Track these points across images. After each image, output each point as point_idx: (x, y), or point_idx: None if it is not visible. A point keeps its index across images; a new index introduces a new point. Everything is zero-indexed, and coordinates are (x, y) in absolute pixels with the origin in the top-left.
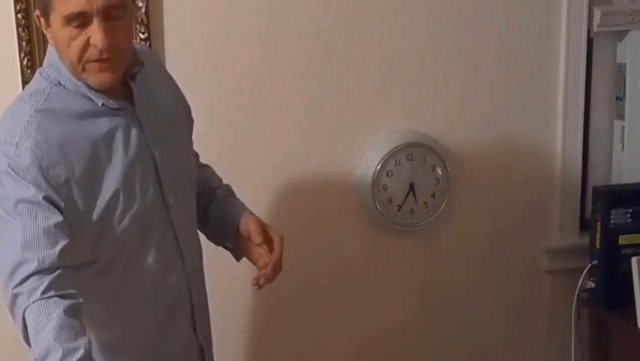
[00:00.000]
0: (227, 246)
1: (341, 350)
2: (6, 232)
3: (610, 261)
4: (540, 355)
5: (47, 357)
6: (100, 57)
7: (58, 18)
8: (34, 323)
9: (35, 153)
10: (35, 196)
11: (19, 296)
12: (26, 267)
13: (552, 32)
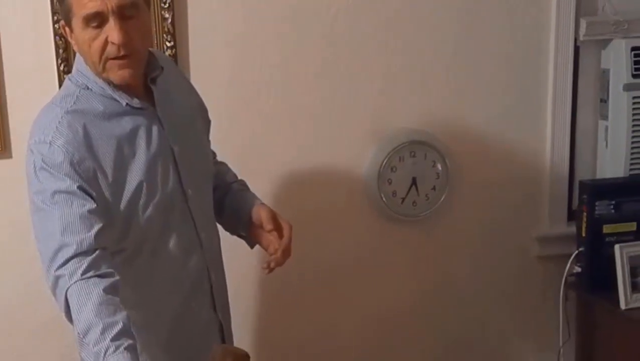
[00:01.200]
0: (241, 234)
1: (349, 330)
2: (46, 221)
3: (595, 248)
4: (531, 333)
5: (88, 332)
6: (118, 54)
7: (78, 22)
8: (76, 302)
9: (67, 150)
10: (70, 186)
11: (60, 278)
12: (66, 251)
13: (542, 40)
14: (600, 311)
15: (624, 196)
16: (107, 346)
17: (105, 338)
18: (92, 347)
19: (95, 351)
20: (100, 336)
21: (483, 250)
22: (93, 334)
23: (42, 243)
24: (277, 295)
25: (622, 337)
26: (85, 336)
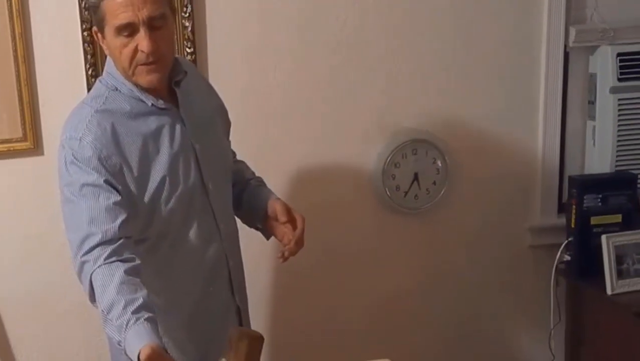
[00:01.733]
0: (257, 227)
1: (356, 312)
2: (74, 212)
3: (583, 238)
4: (524, 316)
5: (111, 309)
6: (147, 60)
7: (111, 30)
8: (100, 283)
9: (95, 146)
10: (97, 180)
11: (86, 264)
12: (92, 239)
13: (534, 47)
14: (588, 297)
15: (610, 190)
16: (129, 318)
17: (127, 312)
18: (115, 321)
19: (118, 325)
20: (122, 311)
21: (479, 239)
22: (116, 310)
23: (70, 231)
24: (289, 281)
25: (609, 320)
26: (108, 313)
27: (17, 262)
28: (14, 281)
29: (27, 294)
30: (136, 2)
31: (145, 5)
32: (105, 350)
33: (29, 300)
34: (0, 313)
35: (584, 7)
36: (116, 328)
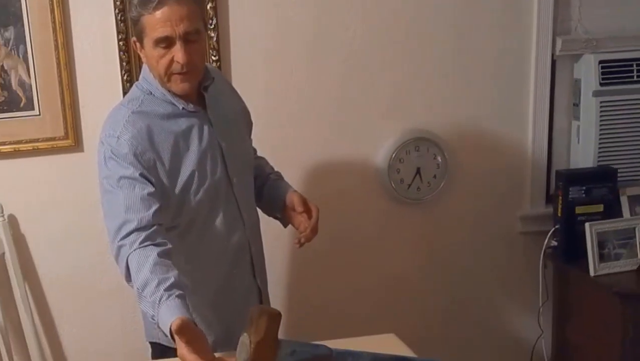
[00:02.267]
0: (276, 216)
1: (364, 291)
2: (112, 201)
3: (569, 226)
4: (515, 296)
5: (146, 287)
6: (181, 70)
7: (149, 42)
8: (135, 265)
9: (132, 144)
10: (133, 173)
11: (122, 248)
12: (128, 226)
13: (525, 55)
14: (573, 278)
15: (593, 183)
16: (161, 295)
17: (160, 289)
18: (149, 298)
19: (151, 301)
20: (155, 289)
21: (475, 227)
22: (149, 288)
23: (108, 219)
24: (305, 264)
25: (591, 299)
26: (143, 291)
27: (59, 245)
28: (56, 263)
29: (68, 275)
30: (174, 18)
31: (182, 21)
32: (139, 325)
33: (70, 280)
34: (44, 291)
35: (569, 20)
36: (150, 304)
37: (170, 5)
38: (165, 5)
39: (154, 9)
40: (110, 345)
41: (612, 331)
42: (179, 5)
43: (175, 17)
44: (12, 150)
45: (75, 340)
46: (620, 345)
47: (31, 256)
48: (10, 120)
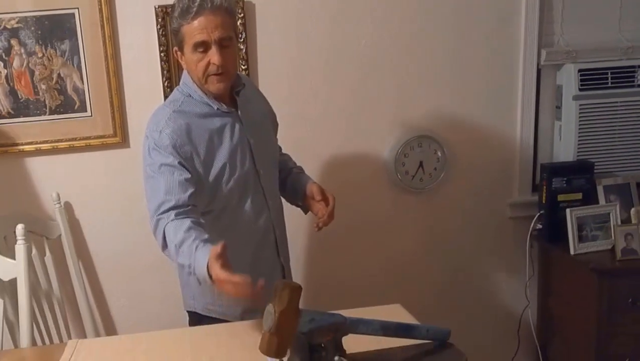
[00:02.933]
0: (298, 204)
1: (374, 267)
2: (154, 185)
3: (552, 211)
4: (506, 272)
5: (183, 243)
6: (217, 72)
7: (189, 48)
8: (172, 231)
9: (172, 137)
10: (173, 161)
11: (160, 220)
12: (167, 204)
13: (514, 64)
14: (556, 256)
15: (573, 174)
16: (198, 244)
17: (196, 241)
18: (186, 249)
19: (188, 251)
20: (192, 242)
21: (470, 212)
22: (187, 242)
23: (150, 200)
24: (322, 244)
25: (571, 274)
26: (180, 246)
27: (108, 228)
28: (106, 243)
29: (116, 253)
30: (210, 26)
31: (217, 29)
32: (178, 296)
33: (118, 258)
34: (95, 268)
35: (553, 34)
36: (187, 254)
37: (206, 15)
38: (202, 15)
39: (192, 19)
40: (152, 314)
41: (589, 302)
42: (214, 15)
43: (211, 25)
44: (68, 147)
45: (122, 309)
46: (595, 313)
47: (84, 237)
48: (66, 120)
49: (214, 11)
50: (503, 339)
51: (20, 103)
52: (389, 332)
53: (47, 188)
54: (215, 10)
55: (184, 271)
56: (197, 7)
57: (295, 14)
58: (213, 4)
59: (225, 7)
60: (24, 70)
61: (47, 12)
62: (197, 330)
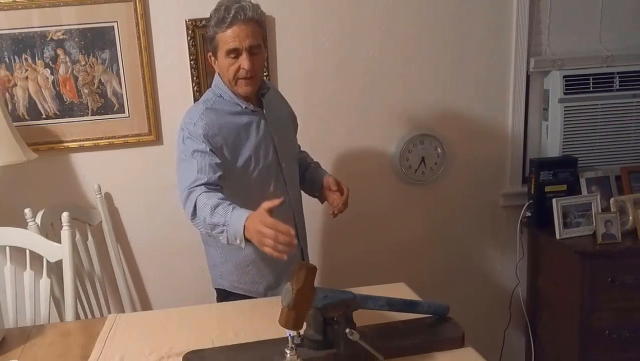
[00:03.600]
0: (315, 195)
1: (380, 251)
2: (187, 166)
3: (540, 201)
4: (499, 254)
5: (218, 205)
6: (246, 75)
7: (222, 53)
8: (205, 199)
9: (205, 128)
10: (205, 148)
11: (192, 192)
12: (199, 181)
13: (506, 71)
14: (543, 240)
15: (558, 168)
16: (235, 206)
17: (232, 205)
18: (222, 209)
19: (224, 210)
20: (229, 205)
21: (467, 202)
22: (223, 204)
23: (181, 179)
24: (336, 230)
25: (557, 256)
26: (216, 208)
27: (144, 217)
28: (141, 229)
29: (151, 238)
30: (241, 35)
31: (248, 38)
32: (207, 276)
33: (152, 241)
34: (132, 250)
35: (540, 44)
36: (222, 213)
37: (239, 25)
38: (235, 25)
39: (226, 28)
40: (183, 292)
41: (572, 281)
42: (245, 25)
43: (242, 34)
44: (108, 144)
45: (156, 288)
46: (579, 291)
47: (122, 224)
48: (107, 120)
49: (245, 22)
50: (496, 314)
51: (66, 106)
52: (394, 308)
53: (90, 180)
54: (247, 21)
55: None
56: (232, 18)
57: (311, 27)
58: (245, 16)
59: (255, 19)
60: (69, 76)
61: (90, 25)
62: (224, 306)
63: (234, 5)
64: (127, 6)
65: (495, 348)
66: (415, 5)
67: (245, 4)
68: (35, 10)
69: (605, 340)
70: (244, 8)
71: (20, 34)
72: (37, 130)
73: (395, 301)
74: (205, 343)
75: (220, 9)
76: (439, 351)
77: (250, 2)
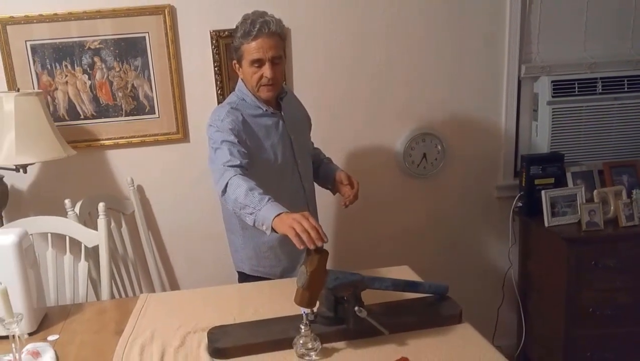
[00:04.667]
0: (327, 187)
1: (386, 236)
2: (219, 153)
3: (530, 192)
4: (493, 239)
5: (254, 189)
6: (268, 83)
7: (247, 62)
8: (237, 182)
9: (231, 124)
10: (233, 139)
11: (227, 171)
12: (232, 162)
13: (499, 77)
14: (533, 228)
15: (547, 163)
16: (269, 198)
17: (266, 195)
18: (257, 195)
19: (260, 197)
20: (263, 193)
21: (464, 193)
22: (258, 190)
23: (215, 160)
24: (346, 219)
25: (545, 242)
26: (251, 190)
27: (173, 207)
28: (170, 218)
29: (179, 226)
30: (265, 47)
31: (270, 49)
32: (229, 260)
33: (180, 229)
34: (162, 237)
35: (530, 53)
36: (258, 200)
37: (263, 38)
38: (260, 38)
39: (251, 40)
40: (207, 274)
41: (559, 264)
42: (268, 38)
43: (266, 46)
44: (140, 141)
45: (183, 270)
46: (565, 273)
47: (153, 213)
48: (139, 120)
49: (269, 35)
50: (490, 293)
51: (102, 108)
52: (398, 288)
53: (123, 174)
54: (270, 35)
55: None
56: (257, 31)
57: (323, 37)
58: (269, 30)
59: (278, 33)
60: (105, 81)
61: (123, 35)
62: (245, 286)
63: (259, 20)
64: (157, 19)
65: (489, 324)
66: (419, 17)
67: (269, 18)
68: (74, 22)
69: (589, 317)
70: (268, 23)
71: (60, 43)
72: (76, 129)
73: (399, 282)
74: (228, 320)
75: (247, 22)
76: (438, 326)
77: (274, 17)
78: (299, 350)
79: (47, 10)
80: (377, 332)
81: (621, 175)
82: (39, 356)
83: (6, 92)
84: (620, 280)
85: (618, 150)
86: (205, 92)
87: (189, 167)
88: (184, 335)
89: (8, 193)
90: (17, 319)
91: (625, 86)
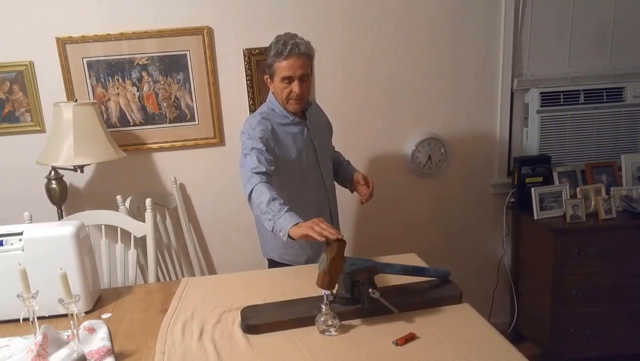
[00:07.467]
0: (346, 186)
1: (395, 228)
2: (247, 159)
3: (521, 189)
4: (489, 230)
5: (275, 199)
6: (296, 98)
7: (278, 79)
8: (261, 190)
9: (261, 132)
10: (262, 147)
11: (253, 177)
12: (259, 169)
13: (493, 89)
14: (524, 220)
15: (536, 164)
16: (288, 208)
17: (284, 207)
18: (278, 205)
19: (280, 207)
20: (281, 205)
21: (464, 190)
22: (278, 201)
23: (245, 165)
24: (362, 213)
25: (535, 233)
26: (273, 201)
27: (211, 202)
28: (208, 212)
29: (216, 219)
30: (295, 66)
31: (300, 68)
32: (259, 248)
33: (217, 222)
34: (201, 229)
35: (522, 68)
36: (277, 209)
37: (293, 57)
38: (291, 58)
39: (283, 59)
40: (240, 260)
41: (547, 252)
42: (298, 58)
43: (296, 65)
44: (182, 145)
45: (220, 258)
46: (552, 260)
47: (193, 207)
48: (181, 127)
49: (299, 55)
50: (487, 277)
51: (148, 116)
52: (407, 273)
53: (168, 173)
54: (300, 55)
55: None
56: (288, 52)
57: (341, 54)
58: (299, 51)
59: (307, 53)
60: (151, 92)
61: (167, 53)
62: (273, 271)
63: (290, 41)
64: (197, 38)
65: (486, 304)
66: (425, 39)
67: (299, 40)
68: (125, 41)
69: (573, 297)
70: (299, 45)
71: (113, 60)
72: (126, 134)
73: (408, 267)
74: (259, 300)
75: (279, 43)
76: (442, 306)
77: (303, 40)
78: (320, 327)
79: (101, 31)
80: (388, 311)
81: (601, 175)
82: (94, 332)
83: (66, 102)
84: (600, 266)
85: (598, 153)
86: (238, 102)
87: (225, 167)
88: (220, 313)
89: (67, 190)
90: (75, 299)
91: (604, 97)
